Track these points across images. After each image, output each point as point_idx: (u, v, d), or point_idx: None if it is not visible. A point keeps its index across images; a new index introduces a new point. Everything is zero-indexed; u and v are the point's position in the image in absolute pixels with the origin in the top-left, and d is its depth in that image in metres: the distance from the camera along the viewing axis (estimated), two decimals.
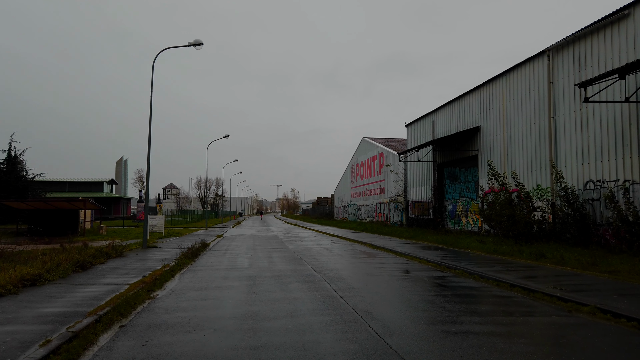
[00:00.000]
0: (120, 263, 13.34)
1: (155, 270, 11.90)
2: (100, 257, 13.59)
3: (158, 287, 9.68)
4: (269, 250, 18.71)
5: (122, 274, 11.05)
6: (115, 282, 9.74)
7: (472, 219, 27.34)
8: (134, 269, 12.01)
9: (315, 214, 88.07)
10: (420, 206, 34.53)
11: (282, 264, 13.85)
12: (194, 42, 19.10)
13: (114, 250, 14.95)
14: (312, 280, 10.57)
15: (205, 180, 64.43)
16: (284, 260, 14.92)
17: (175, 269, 12.46)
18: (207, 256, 16.65)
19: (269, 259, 15.53)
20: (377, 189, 45.41)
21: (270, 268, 12.93)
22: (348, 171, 58.34)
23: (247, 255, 16.72)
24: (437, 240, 21.28)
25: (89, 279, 10.16)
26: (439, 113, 31.82)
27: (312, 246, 20.92)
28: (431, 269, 12.78)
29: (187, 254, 15.67)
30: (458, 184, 29.28)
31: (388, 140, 50.35)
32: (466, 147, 27.33)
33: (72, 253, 12.77)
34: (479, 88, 26.14)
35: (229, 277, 11.14)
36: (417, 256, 15.64)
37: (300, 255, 16.73)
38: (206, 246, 20.64)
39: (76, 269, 11.21)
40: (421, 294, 8.83)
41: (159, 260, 14.24)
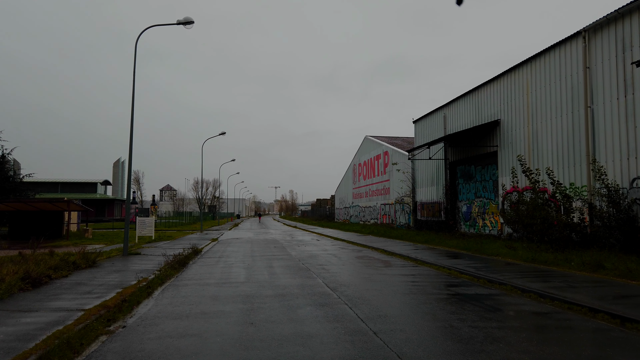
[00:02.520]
0: (87, 276, 10.91)
1: (128, 286, 9.50)
2: (64, 268, 11.18)
3: (124, 314, 7.29)
4: (269, 258, 16.31)
5: (83, 293, 8.63)
6: (67, 307, 7.34)
7: (490, 222, 24.99)
8: (101, 285, 9.60)
9: (314, 216, 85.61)
10: (429, 207, 32.17)
11: (286, 277, 11.45)
12: (183, 20, 16.72)
13: (85, 259, 12.52)
14: (327, 302, 8.18)
15: (201, 182, 62.25)
16: (287, 271, 12.52)
17: (154, 284, 10.05)
18: (197, 265, 14.24)
19: (270, 269, 13.14)
20: (382, 189, 43.06)
21: (272, 282, 10.53)
22: (349, 171, 55.97)
23: (243, 265, 14.32)
24: (457, 246, 18.93)
25: (34, 302, 7.75)
26: (451, 107, 29.47)
27: (318, 252, 18.53)
28: (469, 283, 10.42)
29: (173, 264, 13.26)
30: (473, 183, 26.94)
31: (392, 139, 48.01)
32: (483, 142, 25.00)
33: (28, 264, 10.37)
34: (498, 78, 23.82)
35: (219, 297, 8.74)
36: (442, 265, 13.29)
37: (306, 264, 14.34)
38: (198, 252, 18.23)
39: (25, 286, 8.80)
40: (479, 325, 6.46)
41: (138, 272, 11.83)
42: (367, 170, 48.21)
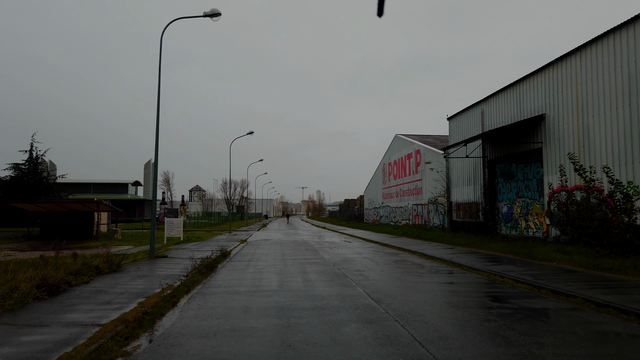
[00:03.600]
0: (109, 283, 10.17)
1: (152, 295, 8.68)
2: (86, 273, 10.48)
3: (145, 329, 6.42)
4: (301, 262, 15.35)
5: (101, 304, 7.84)
6: (81, 321, 6.52)
7: (534, 223, 23.40)
8: (123, 294, 8.80)
9: (343, 217, 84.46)
10: (466, 208, 30.66)
11: (322, 284, 10.44)
12: (210, 12, 15.96)
13: (109, 263, 11.83)
14: (374, 317, 7.12)
15: (229, 182, 61.68)
16: (323, 278, 11.52)
17: (179, 292, 9.21)
18: (226, 270, 13.40)
19: (304, 275, 12.16)
20: (414, 189, 41.62)
21: (308, 291, 9.54)
22: (379, 171, 54.63)
23: (275, 269, 13.39)
24: (502, 249, 17.55)
25: (47, 314, 6.98)
26: (489, 102, 27.92)
27: (352, 256, 17.47)
28: (529, 294, 9.18)
29: (201, 268, 12.45)
30: (515, 182, 25.36)
31: (424, 137, 46.48)
32: (526, 139, 23.44)
33: (47, 269, 9.70)
34: (542, 70, 22.23)
35: (251, 309, 7.80)
36: (492, 272, 12.05)
37: (342, 269, 13.31)
38: (226, 255, 17.45)
39: (40, 295, 8.07)
40: (564, 352, 5.29)
41: (163, 278, 11.05)
42: (398, 170, 46.81)
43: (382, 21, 30.00)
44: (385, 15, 2.20)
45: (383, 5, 2.16)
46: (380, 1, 2.12)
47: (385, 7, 2.18)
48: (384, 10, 2.17)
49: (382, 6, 2.17)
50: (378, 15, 2.15)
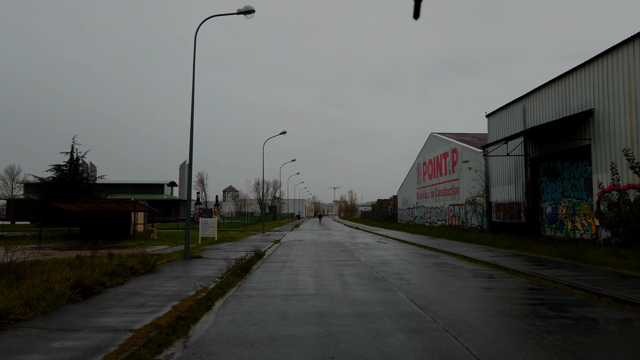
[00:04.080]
0: (143, 284, 9.99)
1: (186, 298, 8.40)
2: (121, 274, 10.34)
3: (179, 336, 6.09)
4: (337, 264, 14.88)
5: (135, 307, 7.60)
6: (113, 326, 6.26)
7: (581, 224, 22.13)
8: (157, 296, 8.56)
9: (376, 217, 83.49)
10: (506, 208, 29.45)
11: (361, 289, 9.94)
12: (243, 10, 15.72)
13: (144, 263, 11.69)
14: (421, 326, 6.58)
15: (262, 182, 61.87)
16: (361, 281, 11.01)
17: (214, 295, 8.90)
18: (260, 271, 13.08)
19: (341, 277, 11.68)
20: (450, 189, 40.47)
21: (347, 296, 9.05)
22: (413, 171, 53.56)
23: (310, 271, 12.97)
24: (549, 252, 16.58)
25: (80, 317, 6.77)
26: (531, 98, 26.68)
27: (389, 258, 16.87)
28: (588, 301, 8.39)
29: (235, 270, 12.16)
30: (560, 181, 24.10)
31: (460, 135, 45.19)
32: (572, 136, 22.20)
33: (83, 269, 9.59)
34: (590, 63, 20.98)
35: (288, 315, 7.38)
36: (542, 276, 11.25)
37: (380, 272, 12.76)
38: (261, 256, 17.17)
39: (75, 296, 7.91)
40: None
41: (198, 280, 10.81)
42: (433, 169, 45.70)
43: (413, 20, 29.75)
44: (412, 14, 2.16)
45: (419, 7, 2.14)
46: (416, 4, 2.10)
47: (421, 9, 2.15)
48: (420, 12, 2.14)
49: (418, 9, 2.16)
50: (414, 17, 2.14)
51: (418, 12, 2.15)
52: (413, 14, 2.14)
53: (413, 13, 2.15)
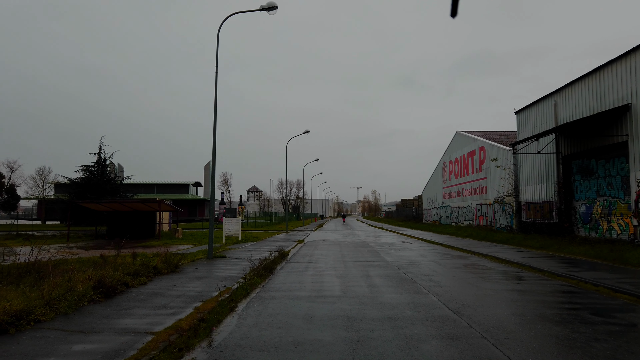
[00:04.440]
0: (166, 284, 9.82)
1: (209, 299, 8.17)
2: (144, 274, 10.20)
3: (200, 339, 5.83)
4: (363, 264, 14.48)
5: (157, 308, 7.39)
6: (134, 328, 6.05)
7: (618, 224, 21.14)
8: (179, 297, 8.35)
9: (400, 217, 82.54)
10: (537, 208, 28.47)
11: (389, 291, 9.53)
12: (267, 6, 15.49)
13: (167, 263, 11.56)
14: (457, 332, 6.15)
15: (285, 182, 62.20)
16: (389, 283, 10.60)
17: (237, 295, 8.64)
18: (284, 272, 12.80)
19: (367, 279, 11.29)
20: (477, 188, 39.52)
21: (375, 298, 8.67)
22: (439, 170, 52.61)
23: (335, 272, 12.62)
24: (586, 253, 15.83)
25: (101, 319, 6.59)
26: (563, 93, 25.68)
27: (416, 258, 16.38)
28: (638, 307, 7.81)
29: (259, 270, 11.92)
30: (594, 179, 23.10)
31: (488, 133, 44.11)
32: (607, 132, 21.21)
33: (106, 269, 9.48)
34: (626, 56, 19.98)
35: (314, 318, 7.05)
36: (581, 279, 10.64)
37: (408, 273, 12.31)
38: (284, 256, 16.91)
39: (96, 296, 7.76)
40: None
41: (221, 280, 10.59)
42: (460, 168, 44.75)
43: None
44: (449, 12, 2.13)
45: (457, 5, 2.12)
46: (454, 1, 2.08)
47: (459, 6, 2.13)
48: (457, 10, 2.11)
49: (456, 6, 2.13)
50: (452, 15, 2.12)
51: (456, 10, 2.10)
52: (450, 11, 2.09)
53: (450, 11, 2.10)
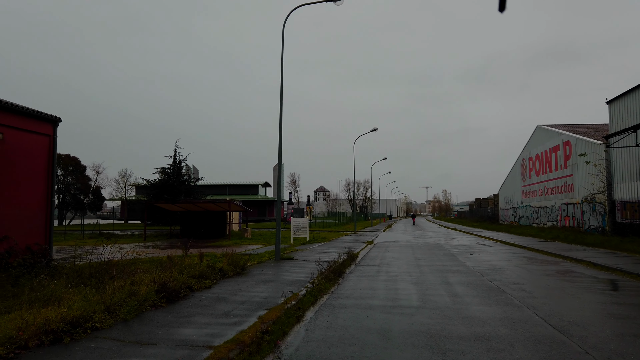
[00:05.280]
0: (231, 288, 9.33)
1: (274, 307, 7.52)
2: (209, 276, 9.81)
3: (263, 356, 5.15)
4: (440, 269, 13.29)
5: (219, 316, 6.84)
6: (192, 340, 5.50)
7: None
8: (243, 304, 7.78)
9: (474, 217, 78.74)
10: (635, 208, 25.41)
11: (475, 302, 8.38)
12: None
13: (233, 265, 11.14)
14: None
15: (353, 182, 61.11)
16: (473, 292, 9.42)
17: (305, 303, 7.94)
18: (354, 276, 11.96)
19: (447, 287, 10.16)
20: (562, 186, 36.34)
21: (460, 311, 7.59)
22: (517, 167, 49.29)
23: (410, 278, 11.58)
24: None
25: (159, 327, 6.12)
26: None
27: (500, 263, 14.87)
28: None
29: (328, 273, 11.18)
30: None
31: (573, 127, 40.52)
32: None
33: (171, 271, 9.18)
34: None
35: (391, 334, 6.16)
36: None
37: (494, 280, 11.00)
38: (354, 258, 16.08)
39: (159, 301, 7.38)
40: None
41: (288, 284, 9.97)
42: (541, 165, 41.51)
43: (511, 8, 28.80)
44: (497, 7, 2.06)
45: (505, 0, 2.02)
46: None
47: (507, 1, 2.02)
48: (505, 5, 2.07)
49: (504, 1, 2.09)
50: (500, 10, 2.07)
51: (504, 5, 1.99)
52: (498, 6, 1.98)
53: (498, 6, 1.99)
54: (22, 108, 12.20)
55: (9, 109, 11.80)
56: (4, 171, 11.74)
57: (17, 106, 12.02)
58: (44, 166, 13.15)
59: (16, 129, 12.11)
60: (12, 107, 11.86)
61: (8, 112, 11.82)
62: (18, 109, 12.04)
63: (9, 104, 11.78)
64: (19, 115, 12.17)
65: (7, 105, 11.68)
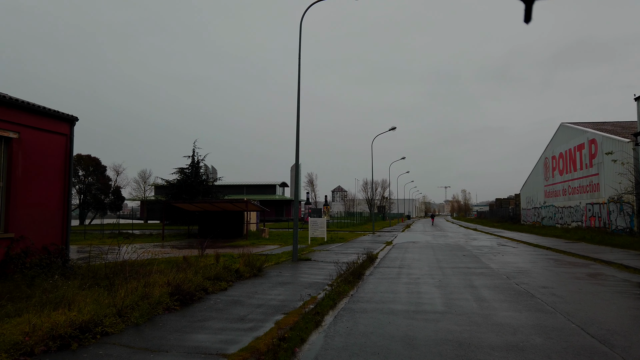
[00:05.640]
0: (247, 290, 9.03)
1: (292, 311, 7.19)
2: (225, 278, 9.54)
3: None
4: (463, 271, 12.79)
5: (234, 321, 6.54)
6: (205, 348, 5.19)
7: None
8: (260, 307, 7.47)
9: (494, 218, 77.34)
10: None
11: (504, 307, 7.92)
12: None
13: (250, 266, 10.86)
14: None
15: (371, 182, 60.85)
16: (500, 296, 8.94)
17: (324, 307, 7.60)
18: (374, 278, 11.57)
19: (473, 290, 9.70)
20: (587, 185, 35.27)
21: (488, 317, 7.14)
22: (539, 166, 48.13)
23: (433, 280, 11.14)
24: None
25: (171, 333, 5.84)
26: None
27: (526, 266, 14.29)
28: None
29: (347, 275, 10.82)
30: None
31: (598, 124, 39.34)
32: None
33: (186, 272, 8.93)
34: None
35: (416, 342, 5.76)
36: None
37: (521, 284, 10.48)
38: (373, 259, 15.68)
39: (172, 304, 7.11)
40: None
41: (306, 286, 9.65)
42: (565, 164, 40.41)
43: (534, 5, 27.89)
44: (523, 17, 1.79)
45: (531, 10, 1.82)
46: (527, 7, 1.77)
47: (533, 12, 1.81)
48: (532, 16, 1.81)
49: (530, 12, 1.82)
50: (526, 22, 1.80)
51: (530, 16, 1.76)
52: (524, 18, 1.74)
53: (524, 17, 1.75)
54: (39, 107, 12.13)
55: (25, 108, 11.74)
56: (20, 171, 11.68)
57: (33, 105, 11.96)
58: (60, 166, 13.08)
59: (32, 128, 12.05)
60: (28, 106, 11.79)
61: (24, 111, 11.76)
62: (34, 108, 11.97)
63: (25, 102, 11.71)
64: (35, 115, 12.10)
65: (23, 104, 11.62)
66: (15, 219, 11.46)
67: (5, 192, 11.41)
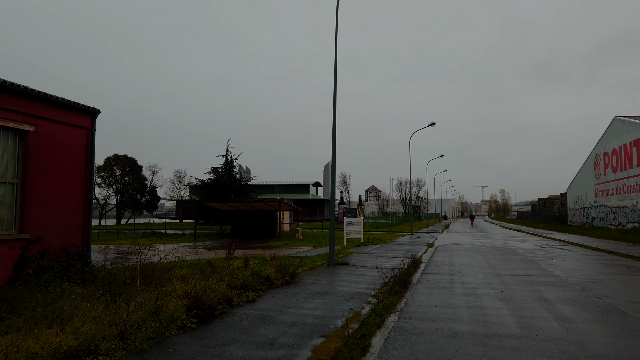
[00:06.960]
0: (278, 303, 7.76)
1: (332, 332, 5.87)
2: (253, 286, 8.32)
3: None
4: (525, 280, 11.12)
5: (261, 346, 5.27)
6: None
7: None
8: (293, 326, 6.19)
9: (538, 218, 73.71)
10: None
11: (596, 330, 6.33)
12: None
13: (282, 272, 9.61)
14: None
15: (408, 181, 59.04)
16: (585, 314, 7.33)
17: (370, 325, 6.25)
18: (424, 287, 10.09)
19: (546, 305, 8.10)
20: None
21: (581, 344, 5.61)
22: (589, 164, 45.09)
23: (494, 291, 9.57)
24: None
25: None
26: None
27: (592, 273, 12.44)
28: None
29: (392, 284, 9.42)
30: None
31: None
32: None
33: (209, 281, 7.76)
34: None
35: None
36: None
37: (602, 297, 8.79)
38: (417, 264, 14.18)
39: (188, 321, 5.92)
40: None
41: (346, 298, 8.31)
42: (619, 160, 37.50)
43: None
44: None
45: None
46: None
47: None
48: None
49: None
50: None
51: None
52: None
53: None
54: (57, 98, 11.29)
55: (42, 99, 10.90)
56: (37, 167, 10.86)
57: (51, 96, 11.12)
58: (81, 161, 12.22)
59: (51, 121, 11.21)
60: (46, 97, 10.96)
61: (42, 102, 10.93)
62: (52, 100, 11.12)
63: (42, 93, 10.88)
64: (53, 106, 11.26)
65: (39, 94, 10.79)
66: (31, 219, 10.62)
67: (21, 189, 10.58)
